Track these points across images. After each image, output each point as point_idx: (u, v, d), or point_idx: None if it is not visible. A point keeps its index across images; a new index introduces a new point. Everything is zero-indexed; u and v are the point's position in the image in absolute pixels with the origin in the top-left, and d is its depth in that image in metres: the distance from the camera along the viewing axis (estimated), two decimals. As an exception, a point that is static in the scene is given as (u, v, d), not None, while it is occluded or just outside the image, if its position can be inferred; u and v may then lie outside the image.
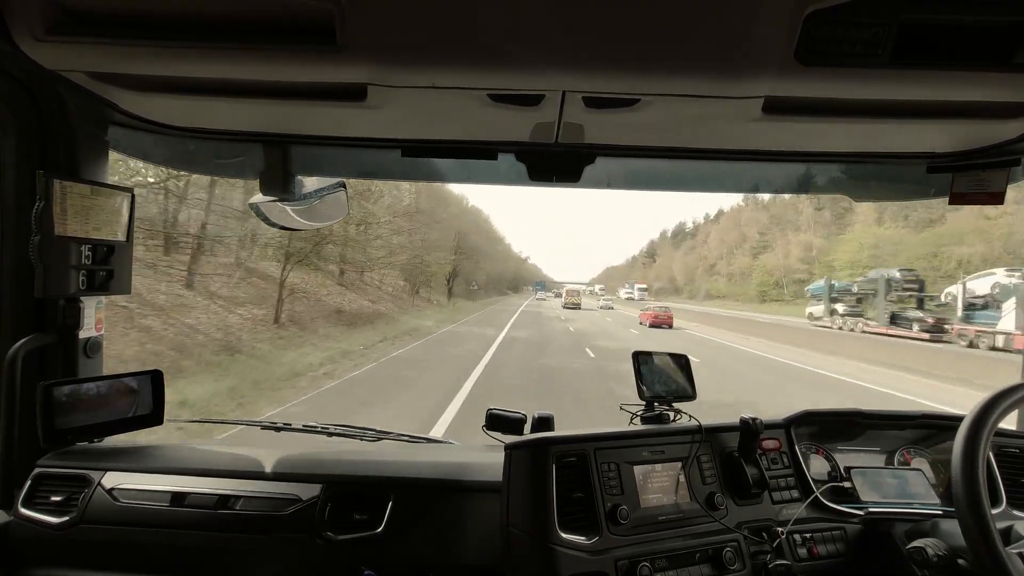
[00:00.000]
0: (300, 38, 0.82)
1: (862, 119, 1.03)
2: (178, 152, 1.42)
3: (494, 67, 0.86)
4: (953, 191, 1.30)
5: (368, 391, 8.01)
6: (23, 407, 1.18)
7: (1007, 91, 0.89)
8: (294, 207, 1.47)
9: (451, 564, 1.13)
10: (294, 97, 1.01)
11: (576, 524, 1.01)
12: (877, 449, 1.38)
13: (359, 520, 1.15)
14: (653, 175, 1.48)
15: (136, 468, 1.23)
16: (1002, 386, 0.85)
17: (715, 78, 0.87)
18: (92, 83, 1.03)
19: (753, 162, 1.34)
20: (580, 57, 0.83)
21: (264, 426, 1.54)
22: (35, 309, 1.22)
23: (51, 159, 1.20)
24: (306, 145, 1.32)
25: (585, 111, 1.02)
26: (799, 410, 1.36)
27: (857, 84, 0.87)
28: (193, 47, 0.84)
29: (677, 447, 1.16)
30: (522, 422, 1.43)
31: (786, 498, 1.21)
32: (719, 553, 1.06)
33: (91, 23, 0.84)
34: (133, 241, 1.32)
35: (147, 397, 1.33)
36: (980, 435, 0.81)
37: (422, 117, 1.11)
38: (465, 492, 1.18)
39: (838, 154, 1.29)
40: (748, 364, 14.03)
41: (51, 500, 1.18)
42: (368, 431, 1.46)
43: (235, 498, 1.17)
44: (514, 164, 1.34)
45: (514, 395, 8.28)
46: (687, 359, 1.37)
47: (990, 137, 1.14)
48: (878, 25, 0.77)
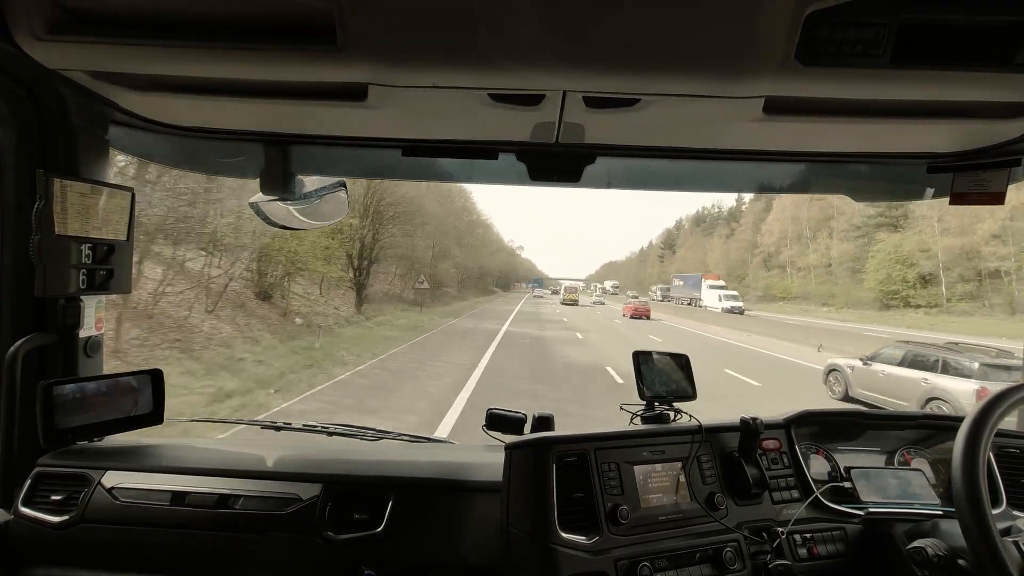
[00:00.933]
0: (300, 38, 0.82)
1: (862, 119, 1.03)
2: (178, 151, 1.42)
3: (494, 67, 0.86)
4: (953, 191, 1.30)
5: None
6: (23, 406, 1.17)
7: (1007, 91, 0.89)
8: (294, 207, 1.47)
9: (451, 564, 1.13)
10: (295, 97, 1.01)
11: (576, 524, 1.01)
12: (877, 449, 1.38)
13: (359, 520, 1.14)
14: (653, 175, 1.48)
15: (136, 467, 1.23)
16: (1002, 387, 0.86)
17: (715, 78, 0.87)
18: (92, 82, 1.03)
19: (753, 162, 1.34)
20: (580, 57, 0.83)
21: (264, 426, 1.54)
22: (35, 308, 1.22)
23: (51, 158, 1.20)
24: (306, 145, 1.32)
25: (585, 111, 1.02)
26: (800, 410, 1.36)
27: (857, 84, 0.87)
28: (193, 47, 0.84)
29: (677, 447, 1.16)
30: (522, 422, 1.43)
31: (786, 498, 1.21)
32: (719, 553, 1.06)
33: (91, 22, 0.84)
34: (133, 240, 1.32)
35: (147, 396, 1.33)
36: (980, 435, 0.81)
37: (423, 117, 1.11)
38: (465, 492, 1.18)
39: (838, 154, 1.29)
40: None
41: (51, 499, 1.18)
42: (368, 431, 1.47)
43: (235, 498, 1.17)
44: (514, 164, 1.34)
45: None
46: (687, 359, 1.37)
47: (990, 137, 1.14)
48: (878, 25, 0.77)
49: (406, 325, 17.67)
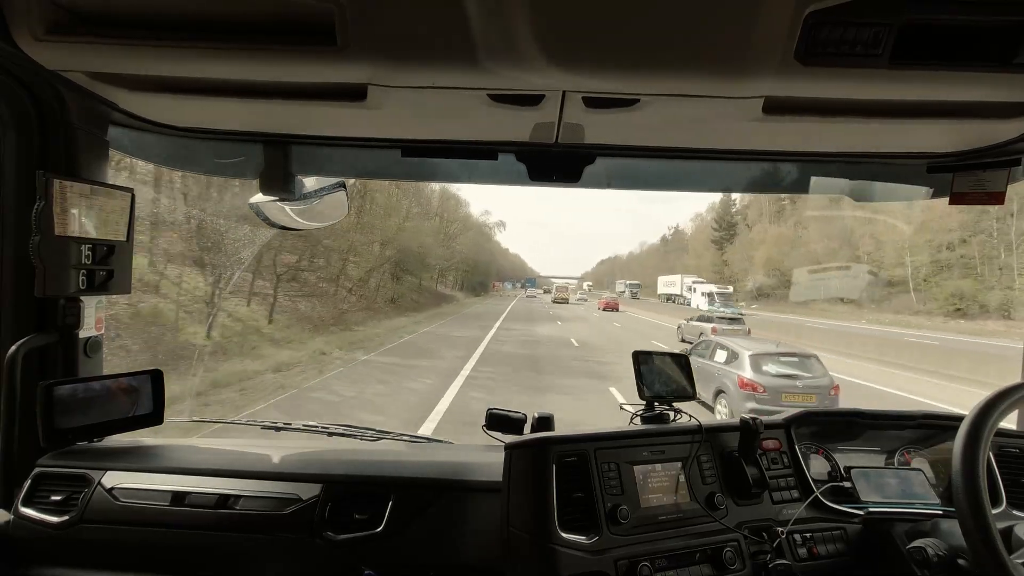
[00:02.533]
0: (300, 38, 0.82)
1: (862, 119, 1.03)
2: (178, 152, 1.42)
3: (494, 67, 0.86)
4: (953, 191, 1.30)
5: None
6: (23, 407, 1.17)
7: (1007, 91, 0.89)
8: (294, 207, 1.47)
9: (451, 564, 1.13)
10: (294, 97, 1.01)
11: (576, 524, 1.01)
12: (877, 449, 1.38)
13: (359, 520, 1.14)
14: (653, 175, 1.48)
15: (136, 468, 1.23)
16: (1002, 386, 0.85)
17: (715, 78, 0.87)
18: (92, 83, 1.03)
19: (753, 162, 1.34)
20: (580, 57, 0.83)
21: (264, 426, 1.54)
22: (35, 309, 1.22)
23: (51, 159, 1.20)
24: (306, 145, 1.32)
25: (585, 111, 1.02)
26: (799, 410, 1.36)
27: (857, 84, 0.87)
28: (193, 47, 0.84)
29: (677, 447, 1.16)
30: (522, 422, 1.42)
31: (786, 498, 1.21)
32: (719, 553, 1.06)
33: (91, 23, 0.84)
34: (133, 241, 1.32)
35: (147, 397, 1.33)
36: (980, 435, 0.81)
37: (422, 117, 1.11)
38: (465, 492, 1.18)
39: (838, 154, 1.29)
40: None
41: (51, 499, 1.18)
42: (368, 431, 1.47)
43: (235, 498, 1.17)
44: (514, 164, 1.34)
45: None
46: (687, 359, 1.37)
47: (990, 137, 1.14)
48: (878, 25, 0.77)
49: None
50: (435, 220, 36.54)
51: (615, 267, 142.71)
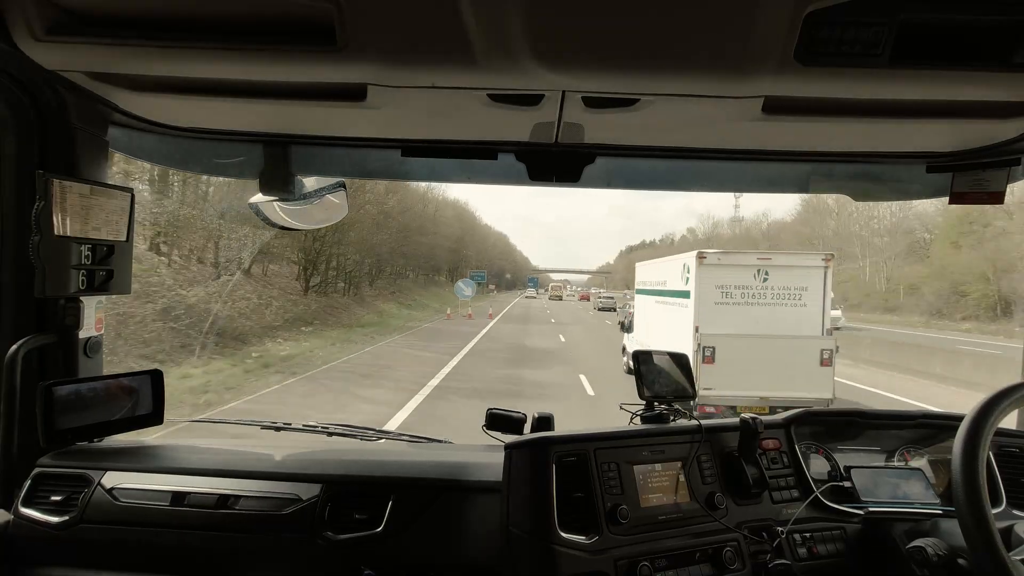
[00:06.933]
0: (300, 38, 0.82)
1: (862, 119, 1.03)
2: (178, 152, 1.42)
3: (494, 67, 0.86)
4: (953, 191, 1.30)
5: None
6: (23, 407, 1.17)
7: (1006, 91, 0.89)
8: (294, 207, 1.47)
9: (451, 564, 1.13)
10: (294, 97, 1.01)
11: (576, 524, 1.01)
12: (877, 449, 1.38)
13: (359, 520, 1.14)
14: (653, 175, 1.49)
15: (136, 468, 1.23)
16: (1002, 386, 0.85)
17: (715, 78, 0.87)
18: (91, 83, 1.03)
19: (753, 162, 1.34)
20: (580, 57, 0.83)
21: (264, 426, 1.54)
22: (35, 309, 1.22)
23: (51, 159, 1.19)
24: (306, 145, 1.32)
25: (585, 111, 1.02)
26: (799, 409, 1.36)
27: (857, 84, 0.87)
28: (193, 47, 0.84)
29: (677, 447, 1.16)
30: (522, 422, 1.42)
31: (786, 498, 1.20)
32: (719, 553, 1.06)
33: (90, 23, 0.84)
34: (133, 241, 1.32)
35: (147, 397, 1.33)
36: (980, 435, 0.81)
37: (422, 117, 1.11)
38: (465, 492, 1.18)
39: (838, 154, 1.29)
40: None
41: (51, 500, 1.18)
42: (368, 431, 1.46)
43: (235, 498, 1.17)
44: (514, 164, 1.34)
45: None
46: (687, 358, 1.37)
47: (990, 137, 1.14)
48: (878, 25, 0.77)
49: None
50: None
51: (629, 261, 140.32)
